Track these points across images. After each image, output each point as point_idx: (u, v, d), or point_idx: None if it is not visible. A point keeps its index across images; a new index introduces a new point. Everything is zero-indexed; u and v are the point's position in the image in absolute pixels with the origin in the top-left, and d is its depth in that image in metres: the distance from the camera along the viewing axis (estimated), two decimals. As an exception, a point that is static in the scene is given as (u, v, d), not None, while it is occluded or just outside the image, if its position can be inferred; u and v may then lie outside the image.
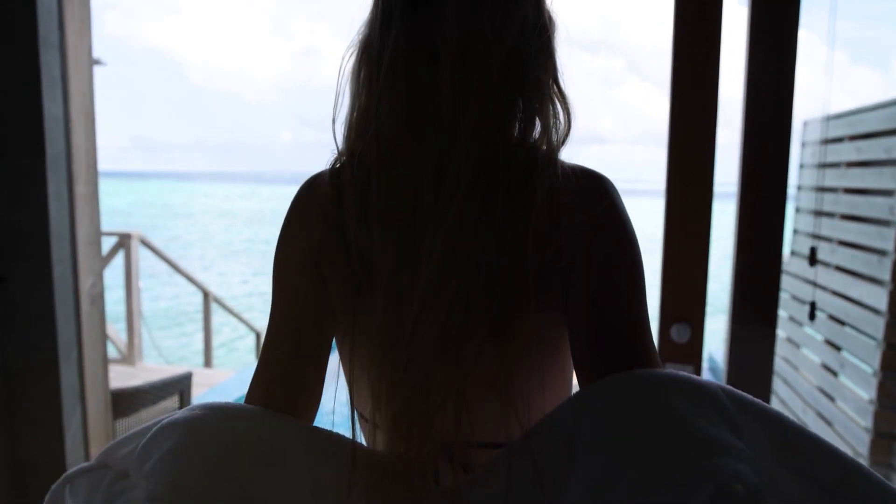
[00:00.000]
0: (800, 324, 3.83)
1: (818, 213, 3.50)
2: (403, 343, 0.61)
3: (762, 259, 1.57)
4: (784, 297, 4.17)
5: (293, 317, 0.70)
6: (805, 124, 4.18)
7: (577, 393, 0.62)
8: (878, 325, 2.85)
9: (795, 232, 4.31)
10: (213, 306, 6.02)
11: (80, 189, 2.06)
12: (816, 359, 3.64)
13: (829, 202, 3.34)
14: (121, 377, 4.96)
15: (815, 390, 3.65)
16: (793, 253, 4.31)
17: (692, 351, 1.59)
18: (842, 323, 3.26)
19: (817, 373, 3.64)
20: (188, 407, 0.65)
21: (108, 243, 5.19)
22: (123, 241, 5.12)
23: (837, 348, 3.40)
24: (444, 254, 0.60)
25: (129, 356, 5.20)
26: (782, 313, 4.27)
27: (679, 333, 1.58)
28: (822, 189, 3.49)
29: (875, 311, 2.90)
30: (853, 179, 3.18)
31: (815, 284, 2.71)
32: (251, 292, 17.65)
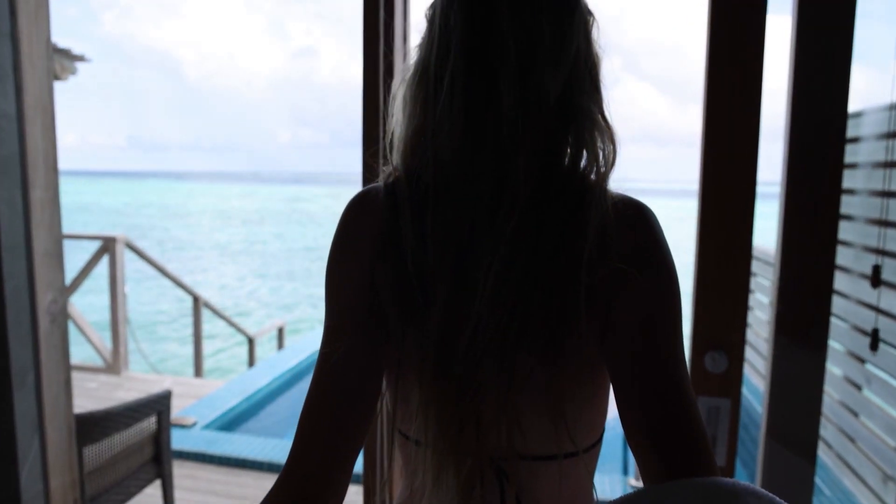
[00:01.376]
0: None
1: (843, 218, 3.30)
2: (458, 358, 0.63)
3: (811, 273, 1.36)
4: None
5: (347, 330, 0.69)
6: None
7: (644, 489, 0.59)
8: (910, 339, 2.64)
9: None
10: (206, 312, 5.80)
11: (37, 194, 1.85)
12: (837, 371, 3.44)
13: (851, 205, 3.13)
14: (104, 387, 4.75)
15: (836, 404, 3.45)
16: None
17: (729, 383, 1.38)
18: (866, 333, 3.07)
19: (838, 385, 3.43)
20: None
21: (91, 247, 4.98)
22: (108, 245, 4.91)
23: (861, 360, 3.21)
24: (500, 273, 0.62)
25: (115, 365, 4.98)
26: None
27: (714, 362, 1.38)
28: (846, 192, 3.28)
29: (907, 323, 2.69)
30: (880, 181, 2.97)
31: (877, 310, 2.48)
32: (251, 293, 17.41)
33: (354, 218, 0.71)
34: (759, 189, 1.41)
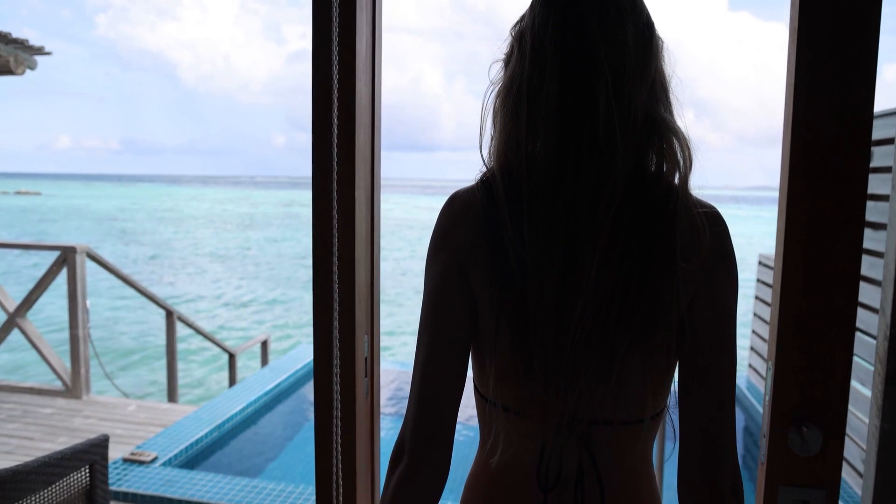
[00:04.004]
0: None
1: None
2: (567, 337, 0.75)
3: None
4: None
5: (445, 313, 0.81)
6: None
7: None
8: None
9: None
10: (189, 329, 5.38)
11: None
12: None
13: (881, 211, 2.73)
14: (61, 414, 4.32)
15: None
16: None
17: (826, 467, 0.98)
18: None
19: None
20: None
21: (49, 258, 4.56)
22: (67, 256, 4.48)
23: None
24: (601, 264, 0.73)
25: (75, 388, 4.54)
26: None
27: (803, 440, 0.97)
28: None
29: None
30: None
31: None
32: (246, 303, 16.91)
33: (452, 215, 0.81)
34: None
